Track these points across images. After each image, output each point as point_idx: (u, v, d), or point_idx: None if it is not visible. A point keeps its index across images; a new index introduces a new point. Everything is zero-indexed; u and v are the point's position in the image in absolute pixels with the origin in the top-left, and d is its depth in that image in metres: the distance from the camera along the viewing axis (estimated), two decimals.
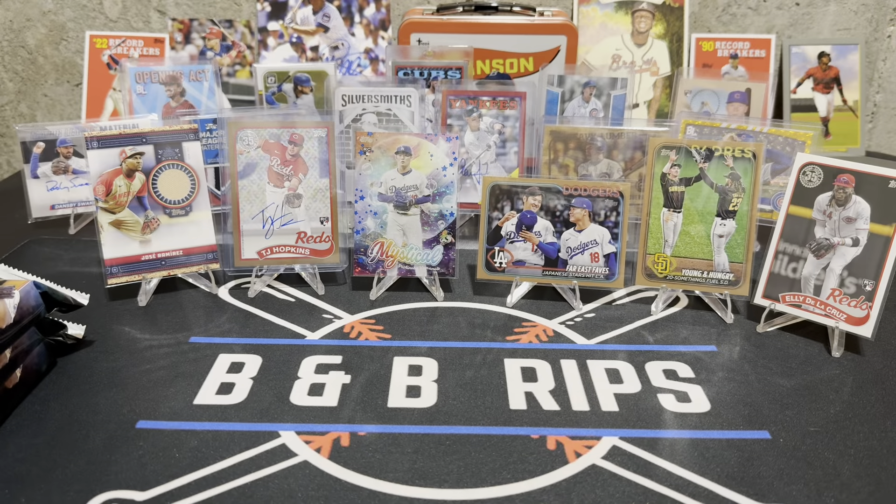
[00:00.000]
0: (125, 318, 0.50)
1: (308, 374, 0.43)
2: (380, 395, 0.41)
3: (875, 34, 0.90)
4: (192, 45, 0.84)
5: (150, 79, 0.68)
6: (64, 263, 0.58)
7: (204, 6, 0.86)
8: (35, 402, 0.40)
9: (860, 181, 0.47)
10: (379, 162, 0.52)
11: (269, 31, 0.84)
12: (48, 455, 0.35)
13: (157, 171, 0.52)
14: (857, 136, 0.87)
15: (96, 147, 0.50)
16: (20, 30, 0.87)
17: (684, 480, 0.35)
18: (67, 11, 0.86)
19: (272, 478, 0.34)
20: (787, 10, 0.89)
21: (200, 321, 0.49)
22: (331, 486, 0.34)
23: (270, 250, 0.54)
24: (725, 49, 0.86)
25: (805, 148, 0.59)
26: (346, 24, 0.84)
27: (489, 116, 0.64)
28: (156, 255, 0.52)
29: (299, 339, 0.47)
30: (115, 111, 0.82)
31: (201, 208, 0.53)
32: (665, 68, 0.85)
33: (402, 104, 0.64)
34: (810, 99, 0.87)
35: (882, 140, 0.94)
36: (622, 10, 0.85)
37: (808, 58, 0.87)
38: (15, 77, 0.89)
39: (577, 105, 0.68)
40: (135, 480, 0.34)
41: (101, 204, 0.50)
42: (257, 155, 0.53)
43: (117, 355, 0.45)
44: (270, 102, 0.68)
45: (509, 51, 0.74)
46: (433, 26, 0.73)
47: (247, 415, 0.39)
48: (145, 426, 0.38)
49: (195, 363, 0.44)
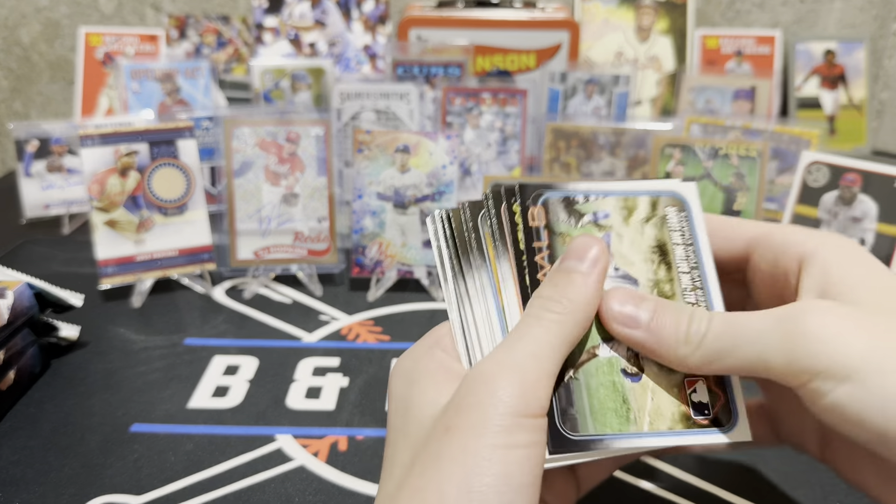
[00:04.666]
0: (120, 319, 0.49)
1: (305, 376, 0.43)
2: (378, 398, 0.41)
3: (881, 31, 0.89)
4: (188, 41, 0.84)
5: (145, 76, 0.67)
6: (58, 264, 0.57)
7: (200, 2, 0.85)
8: (29, 405, 0.39)
9: (866, 180, 0.47)
10: (377, 160, 0.52)
11: (265, 27, 0.83)
12: (43, 458, 0.35)
13: (152, 170, 0.51)
14: (862, 134, 0.86)
15: (90, 145, 0.49)
16: (14, 27, 0.86)
17: (689, 485, 0.34)
18: (62, 8, 0.85)
19: (269, 482, 0.34)
20: (792, 7, 0.88)
21: (196, 322, 0.49)
22: (328, 490, 0.33)
23: (267, 250, 0.53)
24: (730, 46, 0.85)
25: (811, 146, 0.58)
26: (345, 19, 0.83)
27: (490, 114, 0.63)
28: (150, 255, 0.51)
29: (296, 341, 0.47)
30: (110, 109, 0.81)
31: (197, 207, 0.52)
32: (669, 65, 0.85)
33: (401, 101, 0.63)
34: (815, 98, 0.86)
35: (888, 138, 0.93)
36: (625, 6, 0.84)
37: (813, 55, 0.86)
38: (10, 74, 0.88)
39: (580, 102, 0.67)
40: (130, 484, 0.33)
41: (96, 203, 0.50)
42: (253, 153, 0.52)
43: (112, 357, 0.44)
44: (267, 100, 0.68)
45: (510, 47, 0.73)
46: (433, 21, 0.72)
47: (243, 418, 0.39)
48: (140, 429, 0.37)
49: (190, 365, 0.44)
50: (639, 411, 0.21)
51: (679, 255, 0.23)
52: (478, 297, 0.23)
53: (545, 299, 0.21)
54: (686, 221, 0.24)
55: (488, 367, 0.20)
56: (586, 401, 0.21)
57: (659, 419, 0.21)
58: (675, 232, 0.24)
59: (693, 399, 0.22)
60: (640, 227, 0.24)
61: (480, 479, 0.18)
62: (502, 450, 0.18)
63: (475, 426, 0.18)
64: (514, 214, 0.23)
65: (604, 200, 0.24)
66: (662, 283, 0.23)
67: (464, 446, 0.18)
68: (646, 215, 0.24)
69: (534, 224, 0.23)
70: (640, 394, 0.22)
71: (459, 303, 0.23)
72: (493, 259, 0.23)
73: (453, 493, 0.18)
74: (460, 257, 0.23)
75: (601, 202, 0.24)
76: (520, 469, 0.18)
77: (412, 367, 0.22)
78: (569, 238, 0.23)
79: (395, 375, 0.23)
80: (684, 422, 0.22)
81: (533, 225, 0.23)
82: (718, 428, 0.22)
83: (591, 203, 0.24)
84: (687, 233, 0.24)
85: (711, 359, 0.20)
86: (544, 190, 0.23)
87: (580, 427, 0.21)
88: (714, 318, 0.20)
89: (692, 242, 0.24)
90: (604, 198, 0.24)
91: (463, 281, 0.23)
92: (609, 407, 0.21)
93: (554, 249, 0.23)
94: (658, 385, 0.22)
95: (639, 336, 0.21)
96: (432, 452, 0.19)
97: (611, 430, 0.21)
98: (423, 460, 0.19)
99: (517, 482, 0.18)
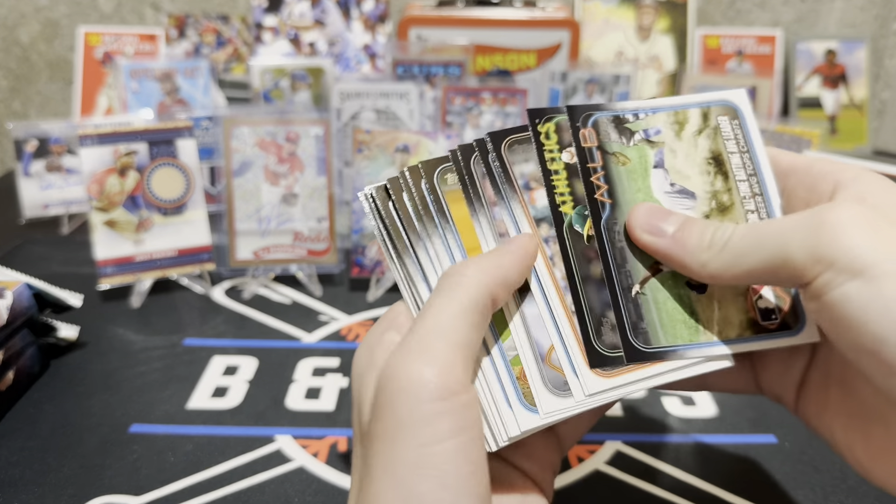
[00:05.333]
0: (119, 319, 0.49)
1: (305, 377, 0.43)
2: None
3: (882, 31, 0.89)
4: (187, 40, 0.83)
5: (144, 75, 0.67)
6: (57, 264, 0.57)
7: (199, 1, 0.85)
8: (28, 405, 0.39)
9: None
10: (377, 160, 0.52)
11: (265, 27, 0.83)
12: (41, 459, 0.35)
13: (152, 170, 0.51)
14: (863, 133, 0.86)
15: (89, 145, 0.49)
16: (14, 26, 0.86)
17: (689, 486, 0.34)
18: (61, 7, 0.85)
19: (268, 483, 0.34)
20: (793, 6, 0.88)
21: (195, 323, 0.49)
22: (328, 491, 0.33)
23: (266, 250, 0.53)
24: (731, 45, 0.85)
25: (812, 146, 0.58)
26: (345, 19, 0.83)
27: (490, 113, 0.63)
28: (150, 255, 0.51)
29: (296, 342, 0.47)
30: (110, 108, 0.81)
31: (196, 207, 0.52)
32: (670, 65, 0.84)
33: (400, 101, 0.63)
34: (816, 97, 0.86)
35: (889, 138, 0.93)
36: (626, 6, 0.84)
37: (813, 54, 0.86)
38: (9, 74, 0.88)
39: (580, 102, 0.67)
40: (129, 485, 0.33)
41: (95, 203, 0.50)
42: (253, 153, 0.52)
43: (111, 357, 0.44)
44: (267, 99, 0.68)
45: (510, 46, 0.73)
46: (433, 21, 0.72)
47: (242, 419, 0.39)
48: (139, 430, 0.37)
49: (189, 366, 0.43)
50: (707, 321, 0.21)
51: (735, 163, 0.23)
52: (432, 265, 0.22)
53: (450, 273, 0.20)
54: (740, 129, 0.24)
55: (395, 359, 0.18)
56: (655, 314, 0.21)
57: (728, 327, 0.21)
58: (730, 140, 0.23)
59: (759, 305, 0.22)
60: (693, 139, 0.23)
61: (414, 488, 0.16)
62: (426, 449, 0.17)
63: (394, 431, 0.17)
64: (541, 135, 0.22)
65: (654, 117, 0.23)
66: (720, 193, 0.23)
67: (388, 457, 0.17)
68: (698, 127, 0.23)
69: (586, 145, 0.23)
70: (706, 305, 0.22)
71: (408, 280, 0.22)
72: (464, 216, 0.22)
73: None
74: (406, 228, 0.22)
75: (651, 119, 0.23)
76: (453, 465, 0.17)
77: (364, 359, 0.21)
78: (622, 157, 0.23)
79: (352, 369, 0.22)
80: (752, 328, 0.22)
81: (585, 146, 0.23)
82: (786, 331, 0.22)
83: (641, 121, 0.23)
84: (742, 140, 0.23)
85: (732, 262, 0.19)
86: (593, 111, 0.23)
87: (652, 339, 0.21)
88: (739, 226, 0.20)
89: (747, 149, 0.23)
90: (653, 114, 0.23)
91: (413, 253, 0.22)
92: (678, 318, 0.21)
93: (608, 169, 0.22)
94: (724, 294, 0.22)
95: (663, 244, 0.21)
96: (368, 464, 0.18)
97: (682, 340, 0.21)
98: (363, 473, 0.18)
99: (453, 479, 0.17)
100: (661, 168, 0.23)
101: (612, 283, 0.21)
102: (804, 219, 0.18)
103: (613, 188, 0.22)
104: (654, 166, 0.23)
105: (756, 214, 0.23)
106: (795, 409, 0.24)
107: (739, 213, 0.23)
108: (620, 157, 0.23)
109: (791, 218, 0.19)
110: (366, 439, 0.19)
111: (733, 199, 0.23)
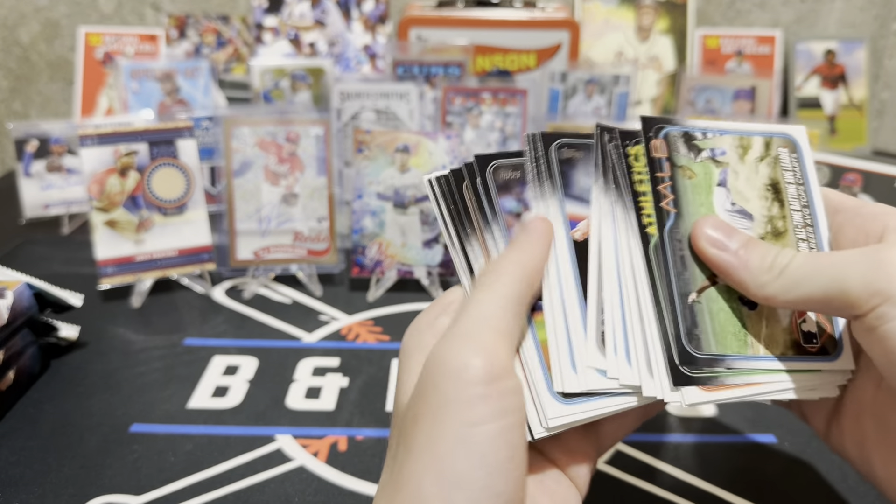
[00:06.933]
0: (119, 319, 0.49)
1: (305, 376, 0.43)
2: (378, 398, 0.41)
3: (881, 31, 0.89)
4: (188, 41, 0.84)
5: (144, 76, 0.67)
6: (58, 264, 0.57)
7: (199, 2, 0.85)
8: (28, 405, 0.39)
9: (867, 180, 0.47)
10: (377, 160, 0.52)
11: (265, 27, 0.83)
12: (42, 458, 0.35)
13: (152, 170, 0.51)
14: (863, 133, 0.86)
15: (90, 145, 0.49)
16: (14, 26, 0.86)
17: (689, 485, 0.34)
18: (62, 7, 0.85)
19: (268, 482, 0.34)
20: (793, 7, 0.88)
21: (195, 323, 0.49)
22: (328, 490, 0.33)
23: (267, 250, 0.53)
24: (730, 46, 0.85)
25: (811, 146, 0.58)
26: (345, 19, 0.83)
27: (490, 114, 0.63)
28: (150, 255, 0.51)
29: (296, 342, 0.47)
30: (110, 109, 0.81)
31: (196, 207, 0.52)
32: (669, 65, 0.84)
33: (400, 101, 0.63)
34: (815, 97, 0.86)
35: (889, 138, 0.93)
36: (626, 6, 0.84)
37: (813, 55, 0.86)
38: (9, 74, 0.88)
39: (580, 102, 0.67)
40: (129, 484, 0.33)
41: (95, 203, 0.50)
42: (253, 153, 0.52)
43: (111, 357, 0.44)
44: (267, 99, 0.68)
45: (510, 47, 0.73)
46: (433, 21, 0.72)
47: (242, 418, 0.39)
48: (140, 429, 0.37)
49: (190, 365, 0.43)
50: (755, 336, 0.22)
51: (791, 193, 0.24)
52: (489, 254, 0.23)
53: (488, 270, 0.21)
54: (797, 162, 0.25)
55: (441, 345, 0.19)
56: (709, 323, 0.22)
57: (773, 345, 0.22)
58: (788, 171, 0.25)
59: (803, 328, 0.23)
60: (755, 165, 0.25)
61: (452, 466, 0.17)
62: (468, 429, 0.17)
63: (437, 410, 0.18)
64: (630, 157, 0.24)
65: (721, 138, 0.25)
66: (776, 219, 0.24)
67: (430, 434, 0.18)
68: (760, 154, 0.25)
69: (656, 155, 0.24)
70: (755, 321, 0.23)
71: (467, 266, 0.23)
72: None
73: (429, 485, 0.17)
74: (475, 216, 0.23)
75: (718, 140, 0.25)
76: (493, 447, 0.17)
77: (413, 340, 0.22)
78: (689, 171, 0.24)
79: (401, 349, 0.23)
80: (795, 349, 0.23)
81: (655, 156, 0.24)
82: (825, 356, 0.23)
83: (709, 140, 0.25)
84: (798, 173, 0.25)
85: (790, 287, 0.20)
86: (665, 124, 0.24)
87: (703, 346, 0.22)
88: (799, 254, 0.21)
89: (803, 182, 0.25)
90: (721, 136, 0.25)
91: (481, 237, 0.23)
92: (729, 330, 0.22)
93: (675, 181, 0.24)
94: (772, 313, 0.23)
95: (726, 259, 0.22)
96: (407, 444, 0.18)
97: (731, 350, 0.22)
98: (402, 452, 0.19)
99: (492, 461, 0.17)
100: (724, 187, 0.24)
101: (670, 289, 0.22)
102: (862, 255, 0.19)
103: (679, 199, 0.24)
104: (718, 184, 0.24)
105: (807, 244, 0.24)
106: (826, 437, 0.25)
107: (791, 241, 0.24)
108: (687, 170, 0.24)
109: (849, 253, 0.20)
110: (406, 418, 0.19)
111: (787, 226, 0.24)
